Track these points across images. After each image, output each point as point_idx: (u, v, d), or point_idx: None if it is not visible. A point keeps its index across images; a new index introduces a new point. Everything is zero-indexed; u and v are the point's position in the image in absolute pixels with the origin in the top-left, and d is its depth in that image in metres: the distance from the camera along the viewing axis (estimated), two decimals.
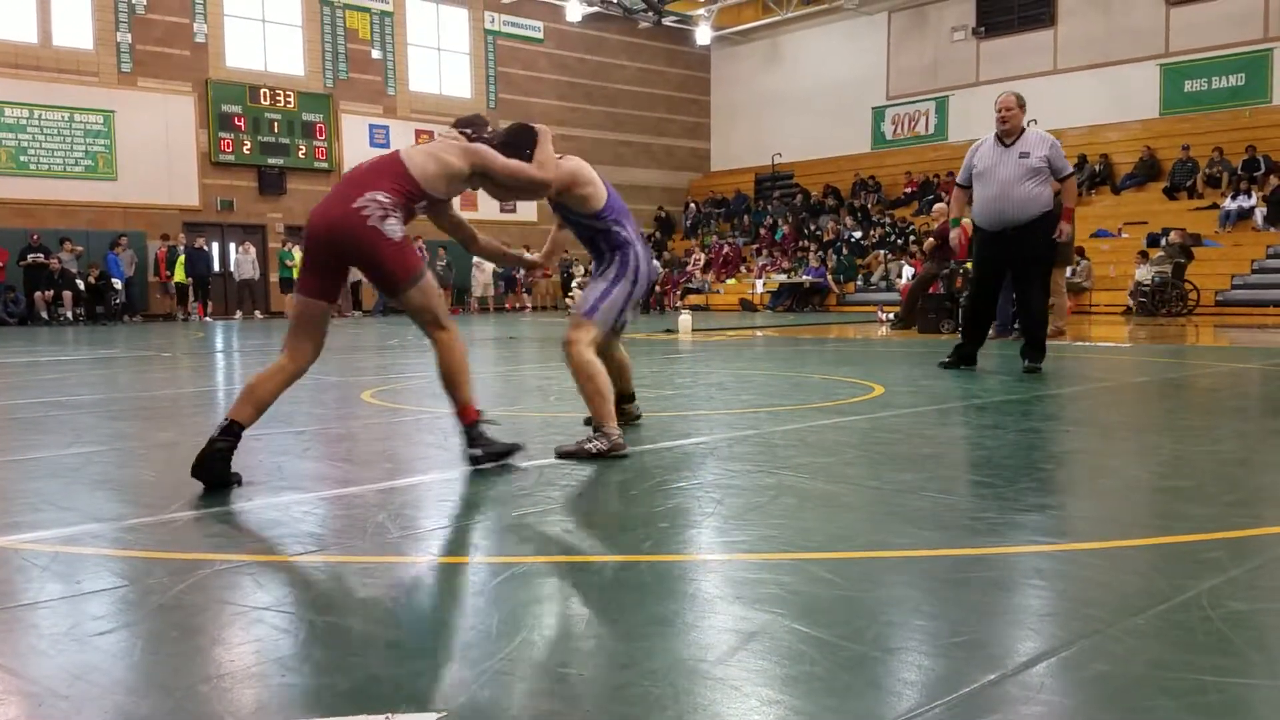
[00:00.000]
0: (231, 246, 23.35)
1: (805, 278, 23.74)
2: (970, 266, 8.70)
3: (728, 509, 2.97)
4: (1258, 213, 19.49)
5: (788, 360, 8.95)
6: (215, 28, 23.27)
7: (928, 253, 13.56)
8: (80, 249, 20.59)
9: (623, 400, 4.48)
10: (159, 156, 22.43)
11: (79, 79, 21.57)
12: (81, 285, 20.23)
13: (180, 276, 21.63)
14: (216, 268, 23.20)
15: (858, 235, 25.40)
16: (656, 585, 2.26)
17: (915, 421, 4.79)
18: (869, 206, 26.67)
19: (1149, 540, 2.59)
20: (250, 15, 23.84)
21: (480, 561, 2.51)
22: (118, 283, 20.83)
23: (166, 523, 2.87)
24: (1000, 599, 2.15)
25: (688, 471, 3.58)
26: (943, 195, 19.83)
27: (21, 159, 20.93)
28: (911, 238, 22.75)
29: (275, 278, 22.48)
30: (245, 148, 23.57)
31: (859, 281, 23.92)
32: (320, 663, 1.82)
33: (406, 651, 1.87)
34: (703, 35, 29.89)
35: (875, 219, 25.85)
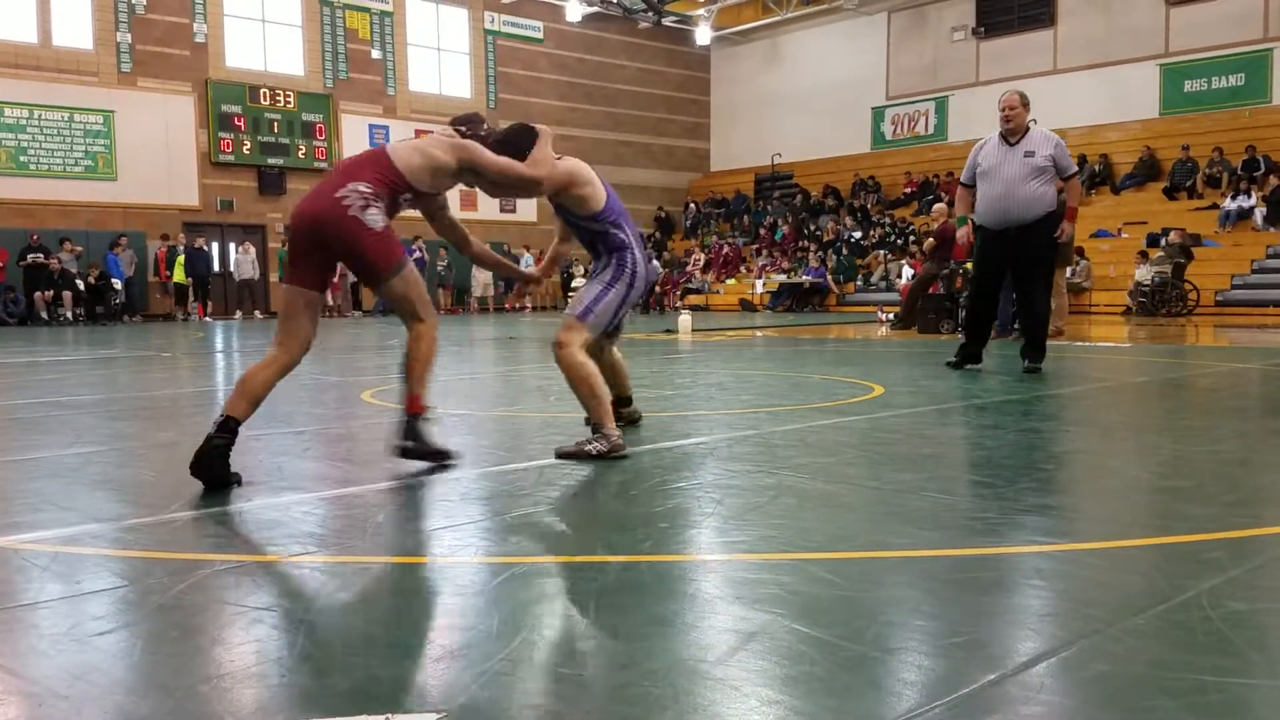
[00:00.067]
0: (231, 246, 23.36)
1: (805, 278, 23.74)
2: (970, 266, 8.70)
3: (727, 509, 2.97)
4: (1257, 213, 19.50)
5: (787, 360, 8.95)
6: (215, 28, 23.27)
7: (927, 253, 13.57)
8: (80, 249, 20.60)
9: (620, 404, 4.44)
10: (159, 156, 22.44)
11: (79, 79, 21.58)
12: (81, 285, 20.23)
13: (180, 277, 21.63)
14: (216, 268, 23.23)
15: (857, 235, 25.40)
16: (656, 585, 2.26)
17: (915, 422, 4.79)
18: (869, 207, 26.68)
19: (1149, 540, 2.59)
20: (250, 15, 23.86)
21: (480, 561, 2.51)
22: (117, 283, 20.84)
23: (166, 523, 2.87)
24: (1000, 599, 2.15)
25: (687, 472, 3.57)
26: (942, 195, 19.84)
27: (21, 159, 20.93)
28: (911, 238, 22.76)
29: (275, 278, 22.48)
30: (245, 148, 23.58)
31: (859, 282, 23.92)
32: (320, 663, 1.82)
33: (406, 651, 1.87)
34: (702, 35, 29.90)
35: (875, 219, 25.85)
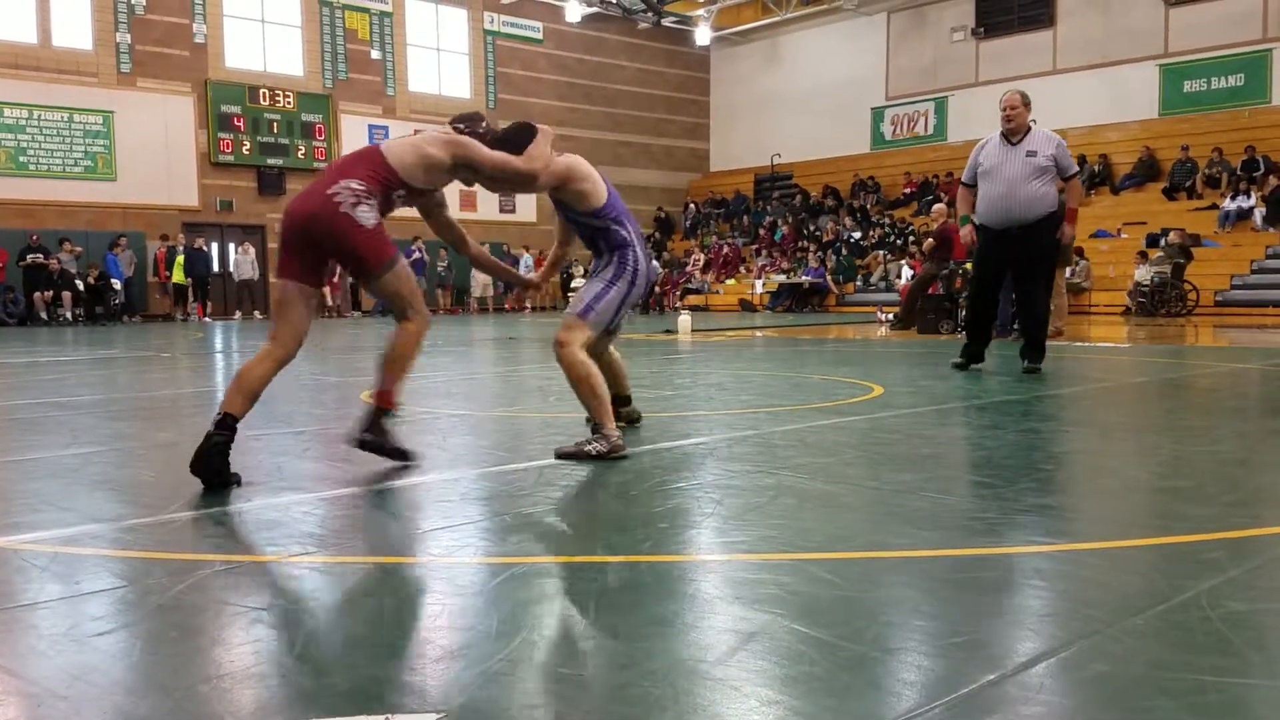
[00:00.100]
0: (231, 247, 23.35)
1: (804, 278, 23.74)
2: (970, 267, 8.70)
3: (727, 509, 2.97)
4: (1257, 213, 19.51)
5: (787, 361, 8.95)
6: (215, 28, 23.27)
7: (927, 253, 13.57)
8: (79, 249, 20.59)
9: (619, 403, 4.40)
10: (158, 157, 22.44)
11: (78, 79, 21.58)
12: (81, 286, 20.23)
13: (179, 277, 21.62)
14: (216, 268, 23.23)
15: (857, 236, 25.41)
16: (656, 585, 2.26)
17: (915, 422, 4.79)
18: (868, 207, 26.68)
19: (1149, 540, 2.59)
20: (249, 16, 23.86)
21: (480, 561, 2.51)
22: (117, 283, 20.83)
23: (166, 523, 2.87)
24: (1000, 599, 2.15)
25: (687, 472, 3.57)
26: (942, 196, 19.84)
27: (21, 159, 20.93)
28: (911, 238, 22.78)
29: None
30: (245, 148, 23.58)
31: (858, 282, 23.93)
32: (319, 663, 1.82)
33: (406, 652, 1.87)
34: (702, 36, 29.90)
35: (874, 219, 25.86)
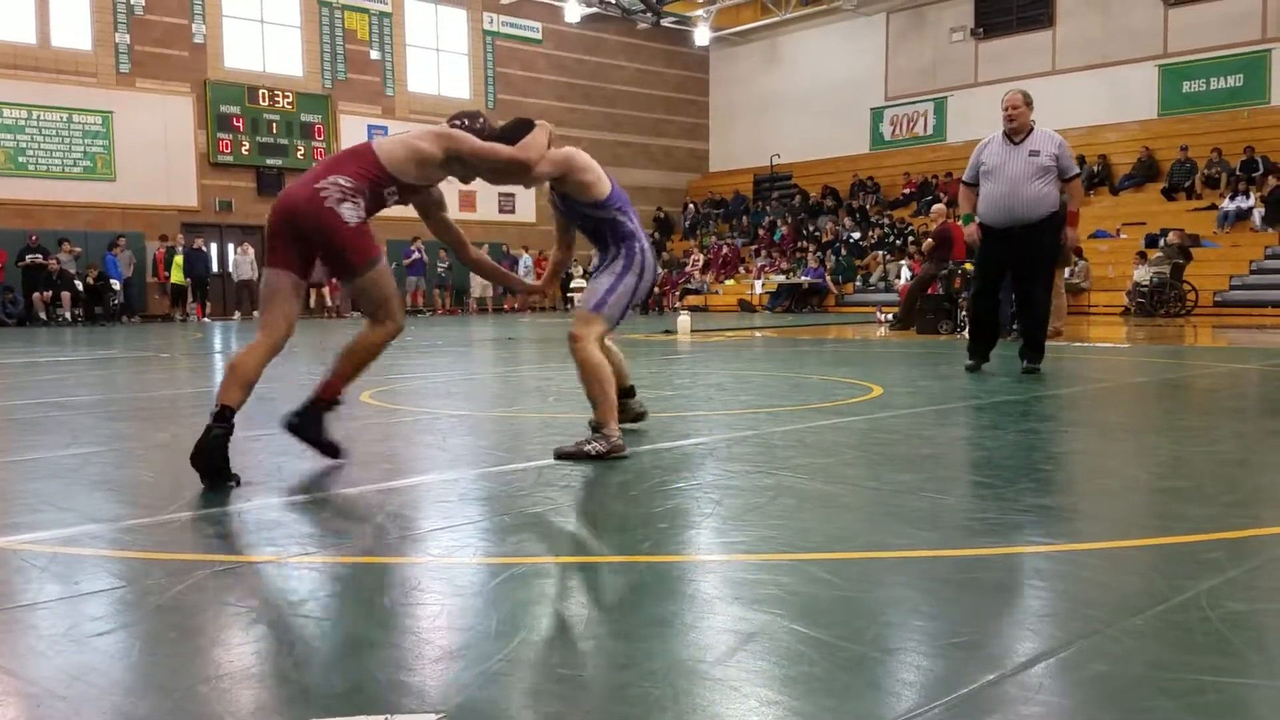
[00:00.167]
0: (230, 247, 23.34)
1: (804, 278, 23.74)
2: (970, 267, 8.70)
3: (727, 510, 2.96)
4: (1256, 213, 19.52)
5: (786, 361, 8.95)
6: (214, 28, 23.27)
7: (926, 254, 13.58)
8: (79, 250, 20.58)
9: (623, 394, 4.31)
10: (157, 157, 22.43)
11: (77, 80, 21.57)
12: (80, 286, 20.23)
13: (178, 278, 21.61)
14: (215, 268, 23.22)
15: (856, 236, 25.41)
16: (656, 586, 2.26)
17: (914, 422, 4.79)
18: (867, 207, 26.69)
19: (1148, 541, 2.59)
20: (249, 16, 23.86)
21: (479, 562, 2.51)
22: (116, 283, 20.83)
23: (165, 523, 2.86)
24: (999, 599, 2.15)
25: (687, 472, 3.57)
26: (941, 196, 19.84)
27: (20, 160, 20.93)
28: (910, 238, 22.78)
29: None
30: (244, 148, 23.58)
31: (857, 282, 23.93)
32: (320, 663, 1.82)
33: (406, 651, 1.86)
34: (701, 36, 29.91)
35: (874, 220, 25.87)
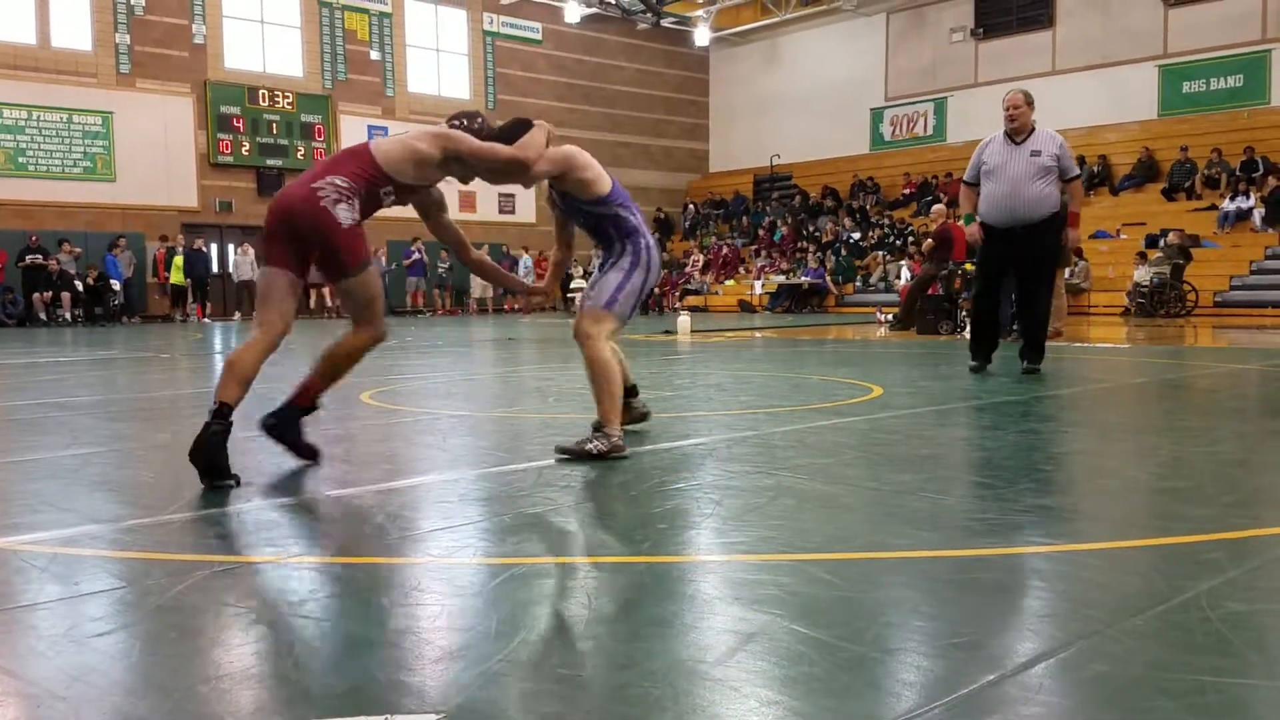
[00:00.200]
0: (230, 248, 23.35)
1: (804, 279, 23.74)
2: (970, 267, 8.70)
3: (726, 510, 2.96)
4: (1256, 214, 19.52)
5: (786, 361, 8.95)
6: (214, 29, 23.27)
7: (926, 254, 13.57)
8: (79, 250, 20.58)
9: (627, 394, 4.26)
10: (157, 158, 22.43)
11: (78, 80, 21.57)
12: (80, 286, 20.23)
13: (178, 278, 21.61)
14: (215, 269, 23.21)
15: (856, 236, 25.41)
16: (655, 586, 2.26)
17: (914, 423, 4.79)
18: (867, 208, 26.69)
19: (1148, 541, 2.59)
20: (249, 16, 23.86)
21: (479, 562, 2.51)
22: (116, 284, 20.83)
23: (165, 524, 2.86)
24: (999, 600, 2.15)
25: (686, 472, 3.57)
26: (941, 196, 19.85)
27: (20, 160, 20.93)
28: (910, 239, 22.78)
29: None
30: (244, 149, 23.58)
31: (857, 283, 23.93)
32: (320, 663, 1.82)
33: (405, 652, 1.86)
34: (701, 36, 29.90)
35: (874, 220, 25.87)
